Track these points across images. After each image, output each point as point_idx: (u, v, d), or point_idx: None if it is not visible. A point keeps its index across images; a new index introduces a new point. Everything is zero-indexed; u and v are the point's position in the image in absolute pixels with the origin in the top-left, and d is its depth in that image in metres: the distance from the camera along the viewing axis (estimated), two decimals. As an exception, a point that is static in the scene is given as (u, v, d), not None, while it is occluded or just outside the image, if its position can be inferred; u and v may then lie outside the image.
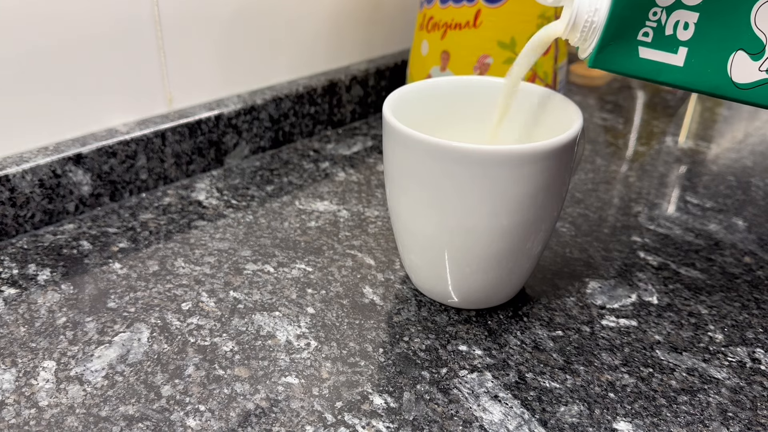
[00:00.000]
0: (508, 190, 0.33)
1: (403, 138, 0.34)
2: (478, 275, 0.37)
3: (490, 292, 0.38)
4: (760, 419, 0.33)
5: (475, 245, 0.35)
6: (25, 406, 0.33)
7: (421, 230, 0.36)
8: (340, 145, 0.61)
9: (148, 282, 0.42)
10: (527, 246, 0.36)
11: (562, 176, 0.35)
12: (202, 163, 0.55)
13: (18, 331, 0.38)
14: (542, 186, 0.34)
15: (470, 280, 0.37)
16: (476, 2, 0.51)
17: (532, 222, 0.35)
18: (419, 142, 0.33)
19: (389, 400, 0.33)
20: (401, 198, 0.37)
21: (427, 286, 0.40)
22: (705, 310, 0.40)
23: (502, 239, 0.35)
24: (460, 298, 0.39)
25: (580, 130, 0.35)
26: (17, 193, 0.45)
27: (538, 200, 0.34)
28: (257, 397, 0.34)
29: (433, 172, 0.34)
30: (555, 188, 0.35)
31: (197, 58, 0.54)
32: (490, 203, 0.34)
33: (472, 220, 0.34)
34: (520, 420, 0.33)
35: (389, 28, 0.68)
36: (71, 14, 0.46)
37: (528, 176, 0.33)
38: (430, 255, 0.37)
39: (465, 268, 0.37)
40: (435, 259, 0.37)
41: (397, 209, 0.37)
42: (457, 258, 0.36)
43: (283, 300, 0.40)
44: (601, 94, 0.75)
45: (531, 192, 0.34)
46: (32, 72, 0.46)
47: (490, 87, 0.41)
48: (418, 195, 0.35)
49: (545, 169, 0.33)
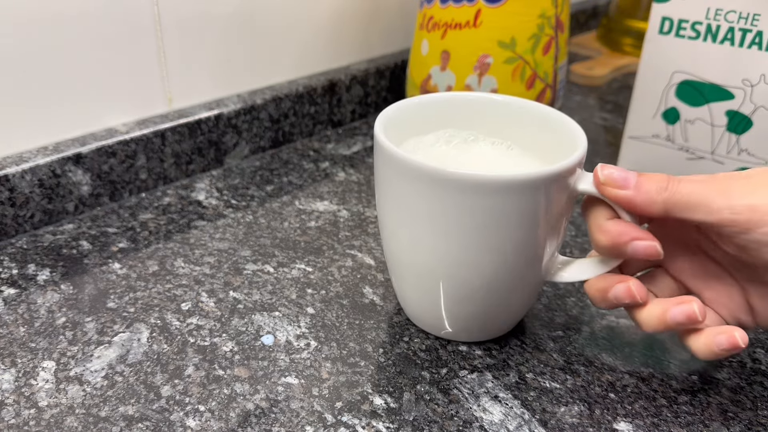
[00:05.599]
0: (506, 217, 0.31)
1: (395, 161, 0.32)
2: (473, 307, 0.35)
3: (486, 325, 0.37)
4: (760, 419, 0.33)
5: (470, 275, 0.33)
6: (25, 407, 0.33)
7: (414, 259, 0.34)
8: (340, 145, 0.61)
9: (147, 282, 0.42)
10: (526, 277, 0.34)
11: (563, 203, 0.33)
12: (201, 163, 0.55)
13: (17, 331, 0.38)
14: (542, 213, 0.32)
15: (465, 312, 0.35)
16: (476, 2, 0.51)
17: (530, 252, 0.33)
18: (413, 167, 0.31)
19: (389, 401, 0.33)
20: (395, 227, 0.35)
21: (421, 317, 0.38)
22: (705, 310, 0.40)
23: (499, 269, 0.33)
24: (455, 329, 0.37)
25: (583, 155, 0.32)
26: (17, 193, 0.45)
27: (536, 229, 0.32)
28: (257, 397, 0.34)
29: (427, 198, 0.32)
30: (546, 221, 0.32)
31: (197, 58, 0.54)
32: (487, 232, 0.32)
33: (468, 249, 0.32)
34: (520, 420, 0.33)
35: (389, 28, 0.68)
36: (71, 14, 0.46)
37: (526, 203, 0.31)
38: (424, 286, 0.35)
39: (460, 300, 0.35)
40: (429, 290, 0.35)
41: (391, 238, 0.35)
42: (452, 289, 0.34)
43: (282, 300, 0.40)
44: (601, 94, 0.74)
45: (529, 221, 0.32)
46: (32, 72, 0.46)
47: (480, 101, 0.39)
48: (411, 223, 0.33)
49: (546, 195, 0.31)
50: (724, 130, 0.50)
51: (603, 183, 0.31)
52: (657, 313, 0.32)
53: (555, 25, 0.53)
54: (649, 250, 0.31)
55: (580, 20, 0.92)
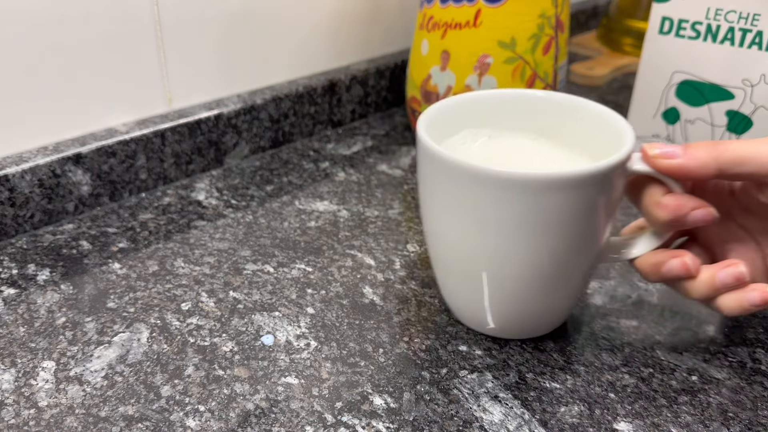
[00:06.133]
0: (568, 213, 0.31)
1: (441, 162, 0.32)
2: (519, 304, 0.35)
3: (532, 321, 0.36)
4: (760, 419, 0.33)
5: (517, 271, 0.33)
6: (25, 407, 0.33)
7: (459, 255, 0.34)
8: (340, 145, 0.61)
9: (147, 282, 0.42)
10: (581, 266, 0.34)
11: (611, 199, 0.33)
12: (201, 163, 0.55)
13: (17, 331, 0.38)
14: (589, 210, 0.32)
15: (510, 308, 0.35)
16: (476, 2, 0.51)
17: (578, 247, 0.33)
18: (460, 167, 0.31)
19: (389, 401, 0.33)
20: (446, 228, 0.34)
21: (466, 314, 0.38)
22: (705, 310, 0.40)
23: (545, 265, 0.33)
24: (500, 326, 0.37)
25: (631, 150, 0.32)
26: (17, 193, 0.45)
27: (585, 225, 0.32)
28: (257, 397, 0.34)
29: (475, 198, 0.32)
30: (605, 212, 0.32)
31: (197, 58, 0.54)
32: (534, 228, 0.32)
33: (515, 245, 0.32)
34: (520, 420, 0.33)
35: (389, 28, 0.68)
36: (71, 14, 0.46)
37: (589, 197, 0.31)
38: (469, 281, 0.35)
39: (505, 295, 0.35)
40: (474, 285, 0.35)
41: (438, 234, 0.35)
42: (497, 284, 0.34)
43: (282, 300, 0.40)
44: (601, 94, 0.74)
45: (590, 213, 0.32)
46: (32, 72, 0.46)
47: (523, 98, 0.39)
48: (459, 219, 0.33)
49: (609, 185, 0.31)
50: (724, 130, 0.50)
51: (654, 157, 0.32)
52: (705, 280, 0.33)
53: (555, 25, 0.53)
54: (707, 216, 0.32)
55: (580, 20, 0.92)
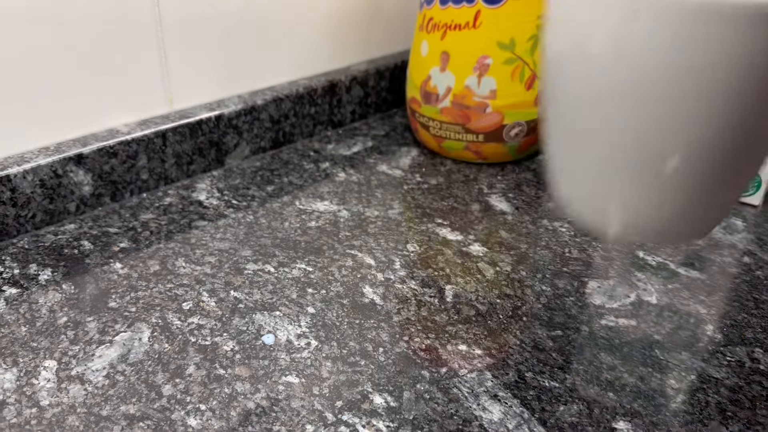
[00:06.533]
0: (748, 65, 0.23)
1: None
2: (686, 191, 0.28)
3: (686, 219, 0.29)
4: (758, 418, 0.33)
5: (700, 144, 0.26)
6: (27, 406, 0.33)
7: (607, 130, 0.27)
8: (340, 146, 0.61)
9: (149, 282, 0.42)
10: (748, 162, 0.27)
11: None
12: (202, 164, 0.55)
13: (19, 331, 0.38)
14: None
15: (675, 196, 0.28)
16: (476, 3, 0.52)
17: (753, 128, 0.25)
18: None
19: (389, 400, 0.34)
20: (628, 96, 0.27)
21: (591, 209, 0.31)
22: (704, 310, 0.40)
23: (729, 138, 0.25)
24: (635, 226, 0.29)
25: None
26: (18, 193, 0.45)
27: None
28: (258, 396, 0.34)
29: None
30: None
31: (198, 59, 0.54)
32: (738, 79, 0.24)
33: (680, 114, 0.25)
34: (519, 419, 0.33)
35: (389, 29, 0.68)
36: (72, 15, 0.46)
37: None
38: (608, 168, 0.28)
39: (677, 182, 0.27)
40: (613, 174, 0.28)
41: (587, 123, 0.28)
42: (648, 167, 0.27)
43: (283, 300, 0.41)
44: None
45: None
46: (33, 72, 0.46)
47: None
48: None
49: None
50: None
51: None
52: None
53: (554, 26, 0.53)
54: None
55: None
